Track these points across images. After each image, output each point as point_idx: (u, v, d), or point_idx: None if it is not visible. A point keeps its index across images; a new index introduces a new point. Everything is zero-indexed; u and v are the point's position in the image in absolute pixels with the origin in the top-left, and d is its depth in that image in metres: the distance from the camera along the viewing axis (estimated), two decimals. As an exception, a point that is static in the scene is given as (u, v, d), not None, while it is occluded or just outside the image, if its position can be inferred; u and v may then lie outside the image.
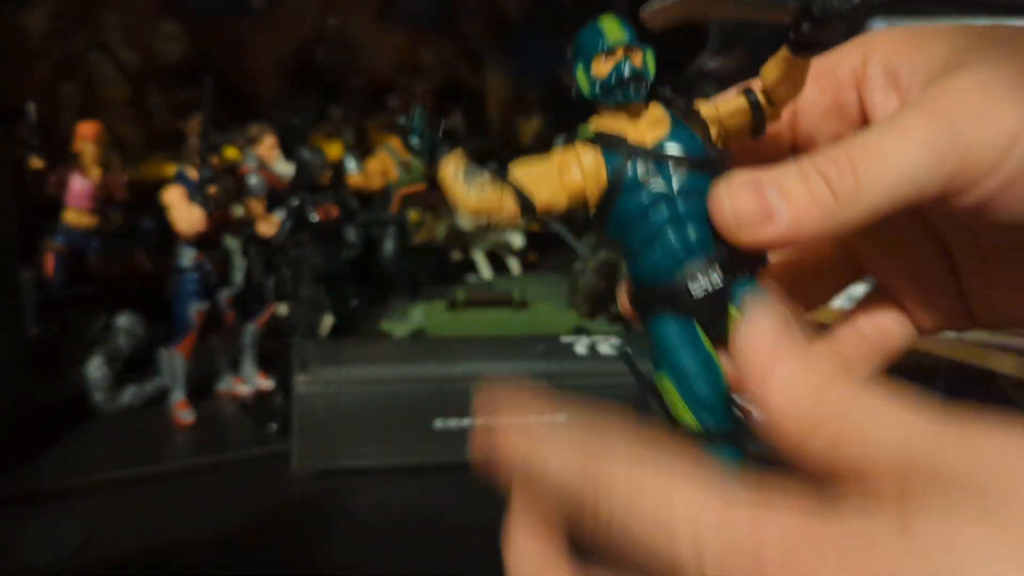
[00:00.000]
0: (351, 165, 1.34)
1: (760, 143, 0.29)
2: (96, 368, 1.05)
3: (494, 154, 1.76)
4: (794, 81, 0.27)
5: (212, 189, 1.02)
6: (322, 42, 1.58)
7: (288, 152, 1.27)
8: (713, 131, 0.28)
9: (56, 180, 1.18)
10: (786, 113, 0.28)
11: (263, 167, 1.21)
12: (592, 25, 0.27)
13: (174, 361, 1.07)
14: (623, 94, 0.26)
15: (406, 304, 1.31)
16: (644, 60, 0.27)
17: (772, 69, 0.27)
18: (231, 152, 1.19)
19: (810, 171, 0.24)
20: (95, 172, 1.18)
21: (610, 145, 0.26)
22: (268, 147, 1.21)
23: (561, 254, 1.64)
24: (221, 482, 0.98)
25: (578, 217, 1.59)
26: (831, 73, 0.29)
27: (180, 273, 1.06)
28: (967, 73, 0.24)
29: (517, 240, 1.58)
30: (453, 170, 0.26)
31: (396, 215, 1.30)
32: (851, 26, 0.23)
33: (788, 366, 0.21)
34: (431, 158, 0.26)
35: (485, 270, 1.60)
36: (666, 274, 0.25)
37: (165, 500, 0.94)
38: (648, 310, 0.26)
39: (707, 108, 0.28)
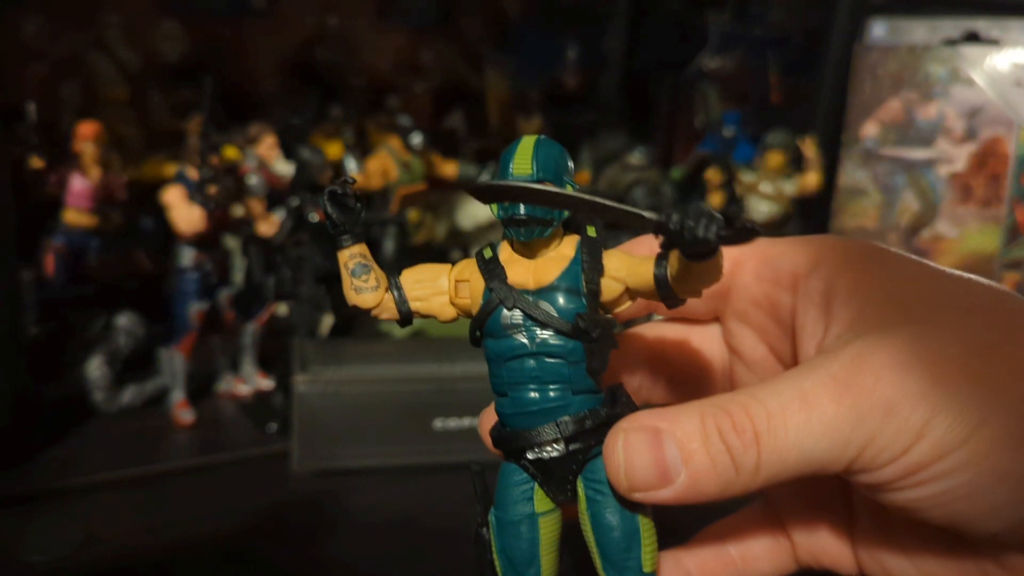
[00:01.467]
0: (351, 165, 1.34)
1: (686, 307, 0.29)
2: (96, 368, 1.05)
3: (494, 154, 1.76)
4: (693, 278, 0.25)
5: (212, 189, 1.02)
6: (322, 42, 1.58)
7: (288, 152, 1.27)
8: (614, 287, 0.26)
9: (56, 180, 1.18)
10: (718, 286, 0.27)
11: (263, 167, 1.21)
12: (512, 146, 0.26)
13: (174, 361, 1.07)
14: (515, 232, 0.25)
15: (406, 304, 1.31)
16: None
17: (672, 263, 0.26)
18: (231, 152, 1.19)
19: (713, 435, 0.23)
20: (95, 172, 1.18)
21: (491, 278, 0.26)
22: (268, 147, 1.21)
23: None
24: (221, 482, 0.98)
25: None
26: (772, 264, 0.28)
27: (180, 273, 1.06)
28: (890, 346, 0.24)
29: (517, 240, 1.58)
30: (345, 262, 0.29)
31: (396, 215, 1.30)
32: (734, 235, 0.22)
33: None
34: (336, 243, 0.28)
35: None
36: (517, 425, 0.25)
37: (165, 500, 0.94)
38: (500, 446, 0.26)
39: (616, 261, 0.26)
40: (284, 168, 1.23)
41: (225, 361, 1.16)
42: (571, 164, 0.26)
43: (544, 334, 0.25)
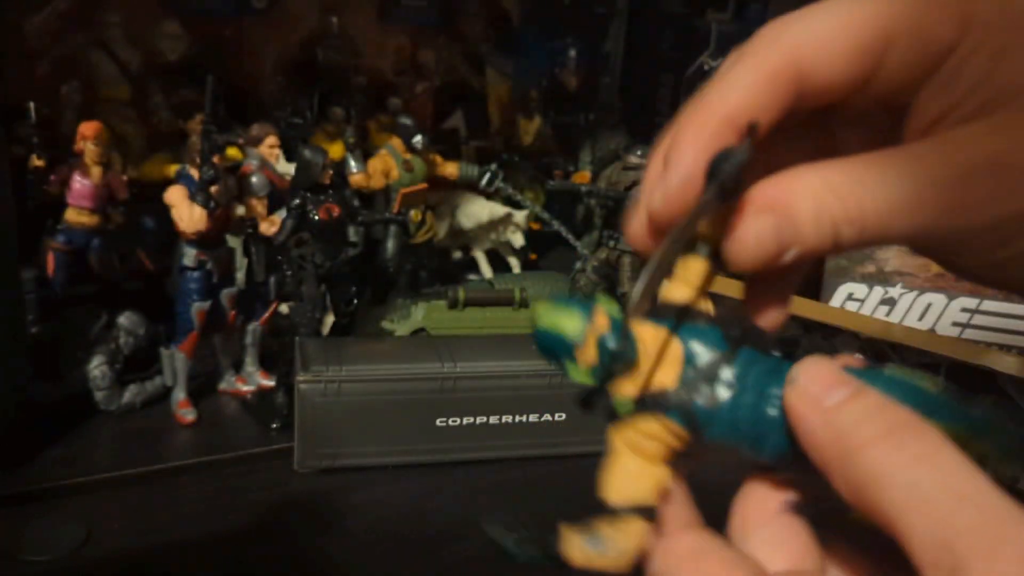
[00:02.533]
0: (353, 164, 1.34)
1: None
2: (97, 367, 1.04)
3: (495, 154, 1.76)
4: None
5: (214, 189, 1.02)
6: (323, 42, 1.58)
7: (290, 152, 1.27)
8: (708, 307, 0.25)
9: (57, 179, 1.18)
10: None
11: (265, 166, 1.21)
12: (542, 334, 0.25)
13: (175, 360, 1.07)
14: (625, 359, 0.24)
15: (407, 303, 1.31)
16: (608, 314, 0.24)
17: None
18: (233, 151, 1.19)
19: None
20: (96, 171, 1.18)
21: (661, 405, 0.24)
22: (270, 146, 1.21)
23: (561, 253, 1.64)
24: (223, 480, 0.98)
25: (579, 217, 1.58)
26: (922, 32, 0.24)
27: (182, 272, 1.06)
28: None
29: (518, 239, 1.58)
30: (581, 553, 0.24)
31: (398, 214, 1.30)
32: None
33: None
34: (555, 563, 0.24)
35: (486, 269, 1.60)
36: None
37: (166, 499, 0.94)
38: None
39: (677, 291, 0.25)
40: (286, 168, 1.23)
41: (227, 360, 1.16)
42: None
43: (738, 373, 0.25)
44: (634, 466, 0.24)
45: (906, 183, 0.21)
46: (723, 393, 0.24)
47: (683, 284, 0.25)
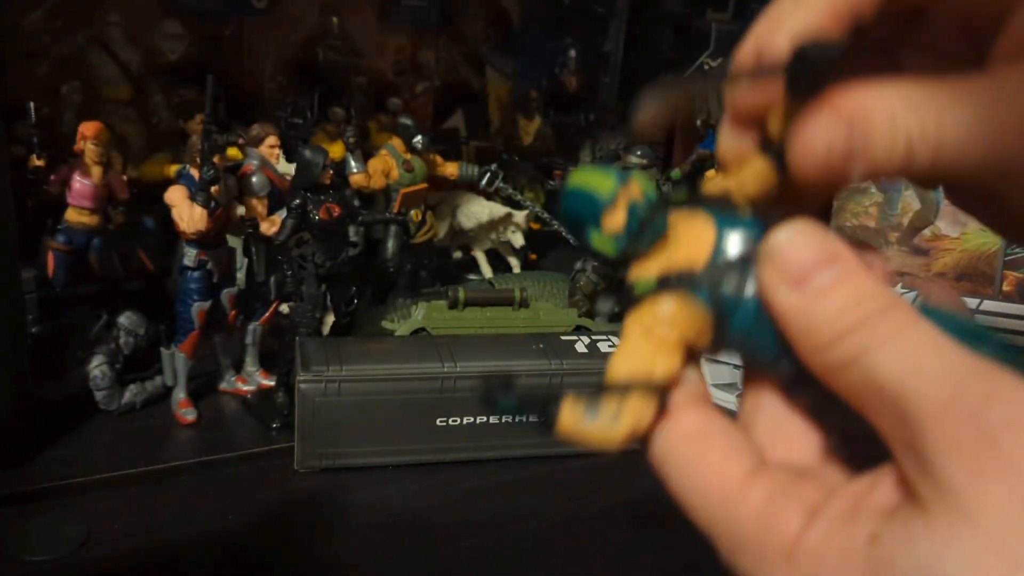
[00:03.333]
0: (353, 164, 1.34)
1: None
2: (97, 367, 1.04)
3: (495, 154, 1.76)
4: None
5: (215, 189, 1.02)
6: (323, 42, 1.58)
7: (290, 152, 1.27)
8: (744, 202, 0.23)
9: (57, 179, 1.17)
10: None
11: (265, 166, 1.21)
12: (573, 193, 0.24)
13: (176, 360, 1.07)
14: (653, 231, 0.23)
15: (407, 302, 1.31)
16: (643, 187, 0.23)
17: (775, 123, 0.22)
18: (233, 151, 1.19)
19: None
20: (96, 171, 1.18)
21: (686, 284, 0.22)
22: (270, 146, 1.21)
23: (561, 253, 1.64)
24: (223, 480, 0.98)
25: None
26: None
27: (182, 272, 1.06)
28: None
29: (518, 239, 1.58)
30: (574, 421, 0.22)
31: (398, 214, 1.30)
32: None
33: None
34: (545, 426, 0.22)
35: (486, 269, 1.60)
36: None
37: (167, 499, 0.94)
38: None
39: (724, 183, 0.23)
40: (287, 168, 1.23)
41: (227, 360, 1.16)
42: None
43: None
44: (646, 349, 0.22)
45: (989, 108, 0.19)
46: (752, 288, 0.22)
47: (735, 180, 0.23)
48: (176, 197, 1.01)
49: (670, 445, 0.22)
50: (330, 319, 1.19)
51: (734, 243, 0.22)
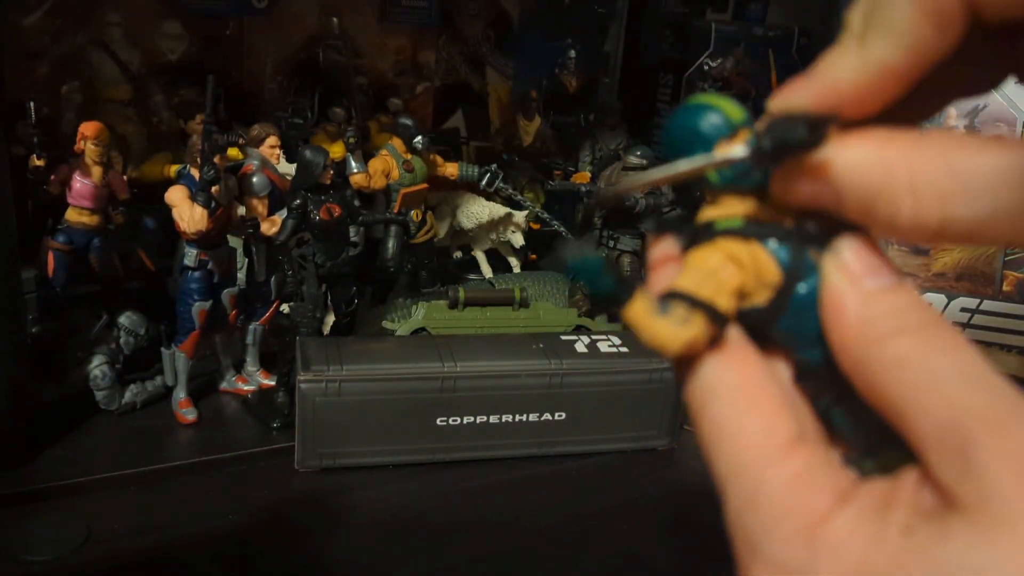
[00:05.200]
0: (354, 165, 1.34)
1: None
2: (97, 367, 1.05)
3: (495, 154, 1.76)
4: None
5: (215, 189, 1.02)
6: (323, 42, 1.58)
7: (291, 152, 1.27)
8: None
9: (57, 179, 1.17)
10: None
11: (266, 166, 1.21)
12: (699, 107, 0.23)
13: (177, 360, 1.07)
14: (762, 174, 0.22)
15: (407, 302, 1.31)
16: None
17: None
18: (233, 152, 1.19)
19: None
20: (96, 171, 1.18)
21: (768, 235, 0.22)
22: (271, 147, 1.21)
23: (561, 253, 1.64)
24: (224, 480, 0.98)
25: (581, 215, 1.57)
26: None
27: (183, 272, 1.06)
28: None
29: (518, 239, 1.58)
30: (646, 310, 0.22)
31: (398, 214, 1.30)
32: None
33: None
34: (615, 300, 0.22)
35: (486, 269, 1.60)
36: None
37: (167, 498, 0.94)
38: (819, 397, 0.23)
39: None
40: (288, 168, 1.23)
41: (228, 360, 1.16)
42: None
43: None
44: (712, 282, 0.22)
45: None
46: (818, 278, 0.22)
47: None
48: (177, 197, 1.01)
49: (726, 380, 0.21)
50: (330, 319, 1.19)
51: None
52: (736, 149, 0.22)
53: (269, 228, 1.13)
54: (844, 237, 0.21)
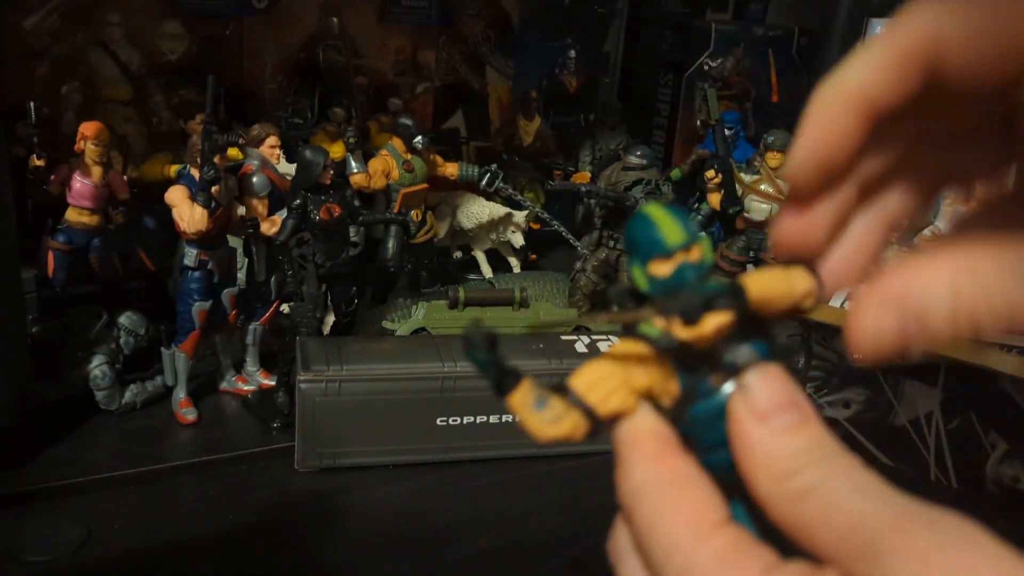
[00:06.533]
0: (354, 165, 1.34)
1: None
2: (97, 367, 1.04)
3: (495, 154, 1.76)
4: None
5: (215, 189, 1.02)
6: (323, 42, 1.58)
7: (291, 152, 1.27)
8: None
9: (57, 179, 1.17)
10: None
11: (266, 166, 1.21)
12: (647, 221, 0.24)
13: (177, 360, 1.07)
14: (686, 298, 0.24)
15: (407, 302, 1.32)
16: (704, 255, 0.24)
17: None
18: (233, 152, 1.19)
19: None
20: (96, 171, 1.18)
21: (675, 353, 0.24)
22: (271, 146, 1.21)
23: (561, 253, 1.64)
24: (223, 480, 0.98)
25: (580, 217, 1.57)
26: None
27: (183, 272, 1.06)
28: None
29: (518, 239, 1.58)
30: (523, 403, 0.25)
31: (398, 214, 1.30)
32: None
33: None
34: (498, 390, 0.25)
35: (486, 269, 1.60)
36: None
37: (167, 498, 0.94)
38: (728, 495, 0.24)
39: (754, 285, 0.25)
40: (288, 168, 1.23)
41: (228, 360, 1.16)
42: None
43: None
44: (613, 381, 0.24)
45: None
46: (729, 389, 0.24)
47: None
48: (177, 197, 1.01)
49: (655, 477, 0.23)
50: (330, 319, 1.19)
51: (744, 354, 0.24)
52: (644, 313, 0.24)
53: (269, 228, 1.13)
54: (755, 368, 0.23)
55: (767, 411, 0.22)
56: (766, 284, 0.24)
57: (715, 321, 0.23)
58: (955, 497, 1.05)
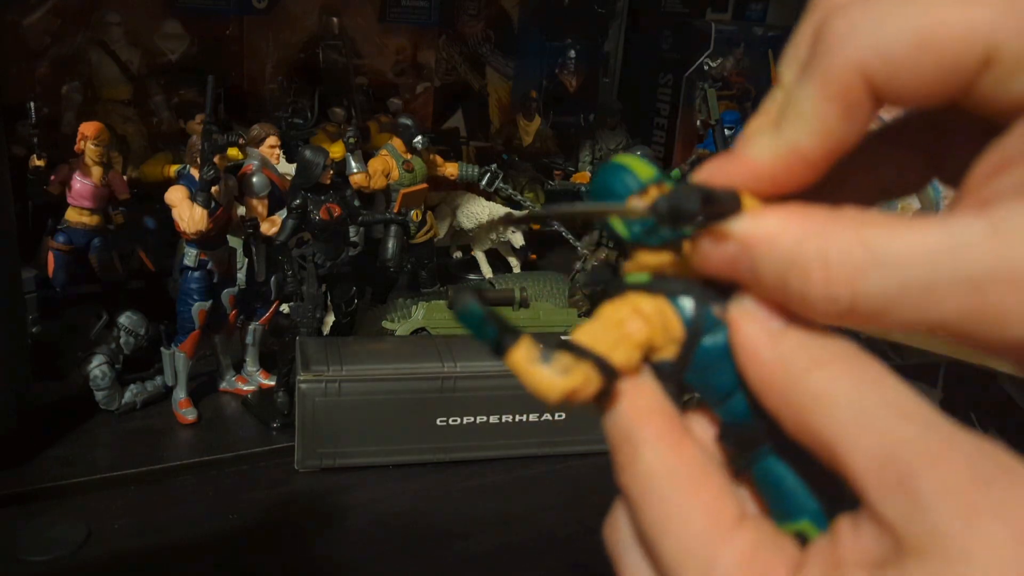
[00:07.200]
0: (354, 165, 1.34)
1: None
2: (97, 367, 1.04)
3: (495, 154, 1.76)
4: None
5: (215, 189, 1.02)
6: (323, 42, 1.58)
7: (291, 152, 1.27)
8: None
9: (57, 179, 1.17)
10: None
11: (266, 166, 1.21)
12: (613, 166, 0.24)
13: (176, 360, 1.07)
14: (670, 232, 0.23)
15: (407, 302, 1.31)
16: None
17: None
18: (233, 152, 1.19)
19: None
20: (97, 171, 1.18)
21: (672, 291, 0.23)
22: (271, 147, 1.21)
23: (561, 253, 1.64)
24: (224, 480, 0.98)
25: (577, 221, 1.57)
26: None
27: (183, 272, 1.06)
28: None
29: (518, 239, 1.58)
30: (527, 358, 0.22)
31: (398, 214, 1.30)
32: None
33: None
34: (497, 348, 0.23)
35: (486, 269, 1.60)
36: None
37: (167, 498, 0.94)
38: (751, 449, 0.23)
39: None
40: (288, 168, 1.23)
41: (228, 360, 1.16)
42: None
43: None
44: (612, 335, 0.23)
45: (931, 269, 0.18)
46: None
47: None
48: (177, 197, 1.01)
49: (665, 466, 0.21)
50: (330, 319, 1.19)
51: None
52: (636, 204, 0.22)
53: (269, 228, 1.13)
54: (740, 295, 0.22)
55: (765, 314, 0.21)
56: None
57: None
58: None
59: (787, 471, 0.22)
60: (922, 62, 0.19)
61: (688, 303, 0.23)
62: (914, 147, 0.24)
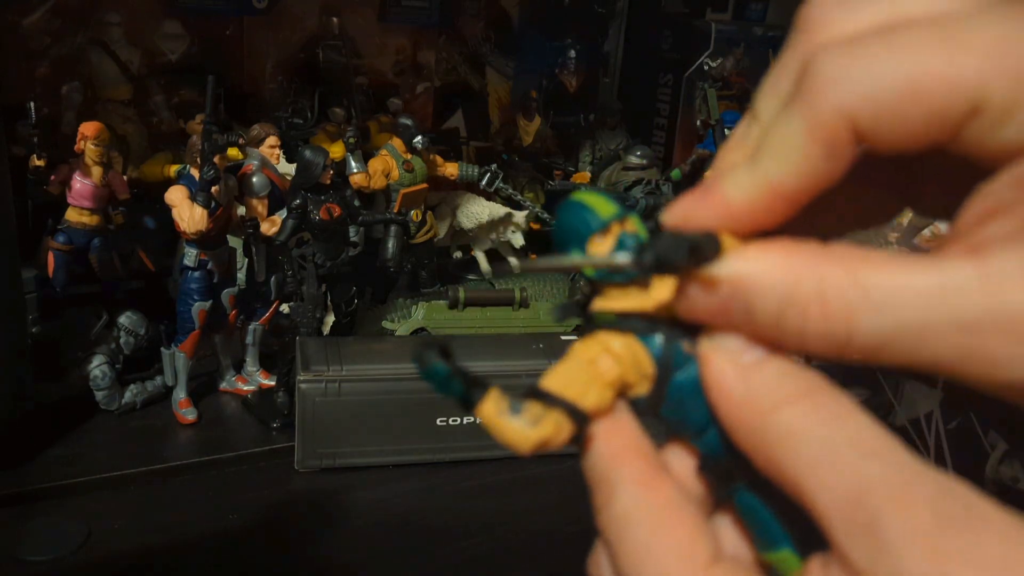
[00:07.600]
0: (354, 165, 1.34)
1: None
2: (97, 367, 1.05)
3: (495, 154, 1.77)
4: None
5: (215, 189, 1.02)
6: (323, 42, 1.58)
7: (291, 152, 1.27)
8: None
9: (57, 179, 1.17)
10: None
11: (266, 166, 1.21)
12: (574, 205, 0.24)
13: (176, 360, 1.07)
14: (631, 271, 0.23)
15: (407, 302, 1.32)
16: (639, 228, 0.23)
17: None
18: (233, 152, 1.19)
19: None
20: (97, 171, 1.18)
21: (641, 328, 0.23)
22: (271, 147, 1.21)
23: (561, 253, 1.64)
24: (224, 480, 0.98)
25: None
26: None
27: (183, 272, 1.06)
28: None
29: (518, 239, 1.58)
30: (496, 411, 0.22)
31: (398, 214, 1.30)
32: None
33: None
34: (465, 403, 0.23)
35: (485, 268, 1.60)
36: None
37: (167, 498, 0.95)
38: (729, 482, 0.23)
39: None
40: (288, 168, 1.23)
41: (228, 360, 1.16)
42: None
43: None
44: (584, 376, 0.23)
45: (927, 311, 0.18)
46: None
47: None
48: (177, 197, 1.01)
49: (642, 506, 0.21)
50: (330, 319, 1.19)
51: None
52: (619, 256, 0.22)
53: (269, 228, 1.13)
54: (711, 332, 0.22)
55: (736, 348, 0.21)
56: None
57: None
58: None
59: (760, 505, 0.22)
60: (910, 111, 0.19)
61: (657, 339, 0.23)
62: (890, 181, 0.24)
